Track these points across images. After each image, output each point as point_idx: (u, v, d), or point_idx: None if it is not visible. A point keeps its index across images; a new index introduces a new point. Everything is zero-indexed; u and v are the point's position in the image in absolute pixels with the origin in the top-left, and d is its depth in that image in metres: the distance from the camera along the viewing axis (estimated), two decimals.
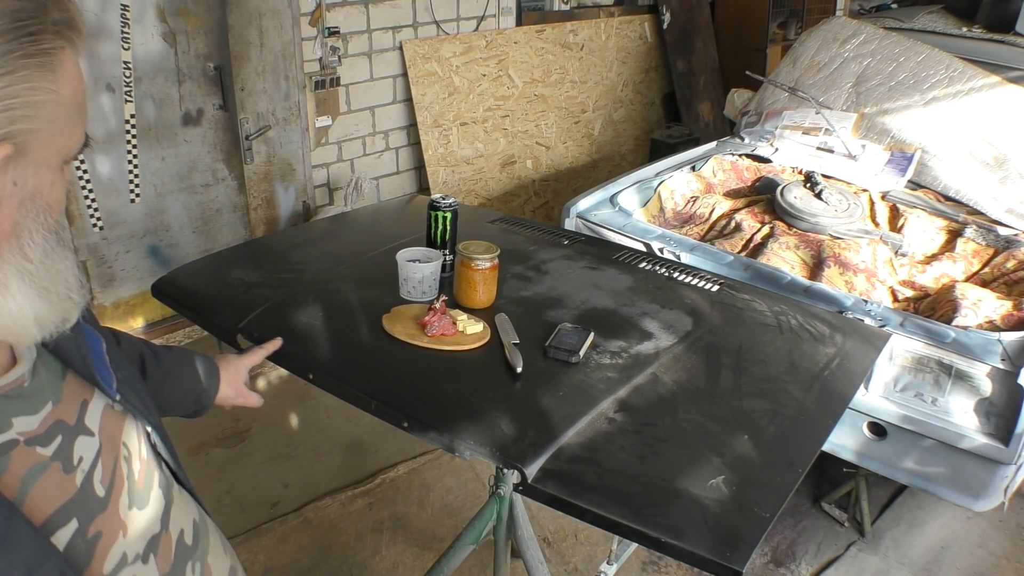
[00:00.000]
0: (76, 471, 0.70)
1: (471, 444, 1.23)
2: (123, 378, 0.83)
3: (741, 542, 1.07)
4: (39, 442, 0.68)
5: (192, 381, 1.20)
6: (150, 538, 0.77)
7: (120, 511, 0.74)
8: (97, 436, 0.74)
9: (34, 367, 0.71)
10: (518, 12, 4.18)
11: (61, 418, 0.71)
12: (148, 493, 0.79)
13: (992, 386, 1.98)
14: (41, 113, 0.60)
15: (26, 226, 0.63)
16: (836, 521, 2.52)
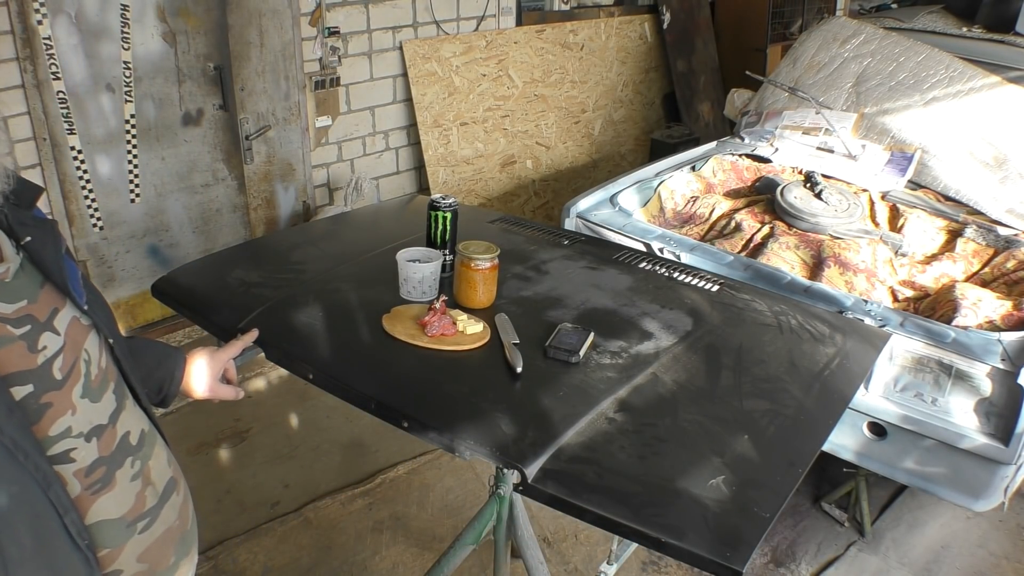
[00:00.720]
0: (39, 354, 0.86)
1: (471, 444, 1.23)
2: (92, 299, 0.97)
3: (741, 542, 1.07)
4: (9, 323, 0.84)
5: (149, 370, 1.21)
6: (95, 425, 0.91)
7: (72, 395, 0.89)
8: (62, 337, 0.90)
9: (17, 272, 0.87)
10: (518, 12, 4.18)
11: (32, 314, 0.87)
12: (101, 393, 0.94)
13: (992, 386, 1.98)
14: None
15: None
16: (836, 521, 2.52)
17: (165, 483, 1.02)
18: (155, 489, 1.00)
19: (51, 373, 0.87)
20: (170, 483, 1.04)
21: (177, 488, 1.06)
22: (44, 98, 2.70)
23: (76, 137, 2.83)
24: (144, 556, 0.97)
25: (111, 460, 0.92)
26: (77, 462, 0.88)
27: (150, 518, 0.98)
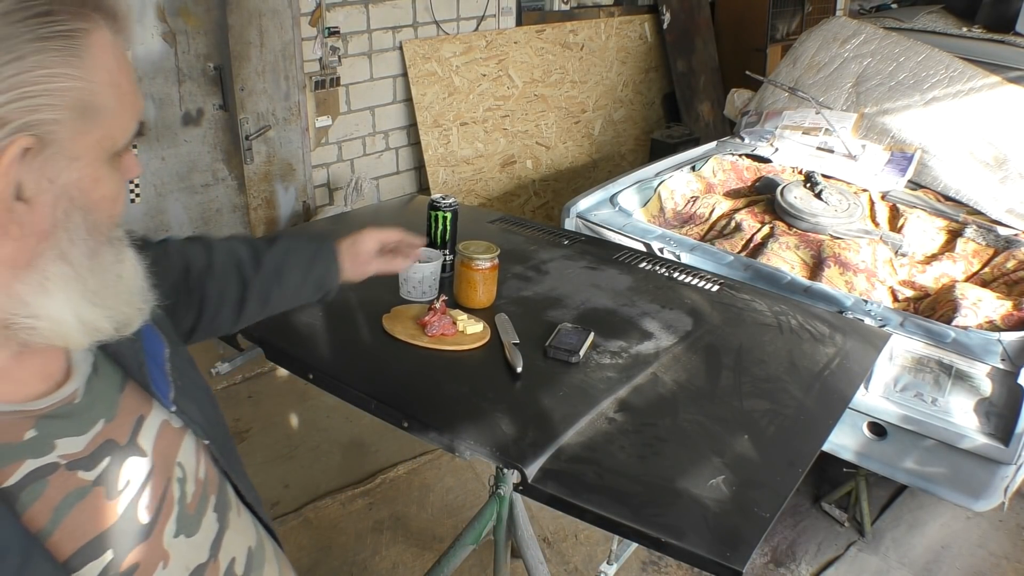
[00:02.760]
0: (120, 496, 0.65)
1: (471, 444, 1.23)
2: (183, 387, 0.76)
3: (741, 542, 1.07)
4: (83, 465, 0.62)
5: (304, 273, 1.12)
6: (195, 568, 0.71)
7: (164, 539, 0.68)
8: (149, 456, 0.69)
9: (90, 379, 0.66)
10: (518, 12, 4.18)
11: (112, 438, 0.66)
12: (200, 519, 0.73)
13: (992, 386, 1.98)
14: (67, 101, 0.54)
15: (65, 226, 0.57)
16: (836, 521, 2.52)
17: None
18: None
19: (135, 518, 0.66)
20: None
21: None
22: None
23: None
24: None
25: None
26: None
27: None
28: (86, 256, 0.59)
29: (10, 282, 0.57)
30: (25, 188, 0.54)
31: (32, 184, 0.54)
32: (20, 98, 0.52)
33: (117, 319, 0.62)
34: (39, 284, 0.57)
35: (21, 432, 0.59)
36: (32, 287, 0.57)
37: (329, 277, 1.16)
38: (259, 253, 1.09)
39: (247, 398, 3.00)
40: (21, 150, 0.53)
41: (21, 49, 0.52)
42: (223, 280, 1.04)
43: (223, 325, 1.07)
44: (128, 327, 0.64)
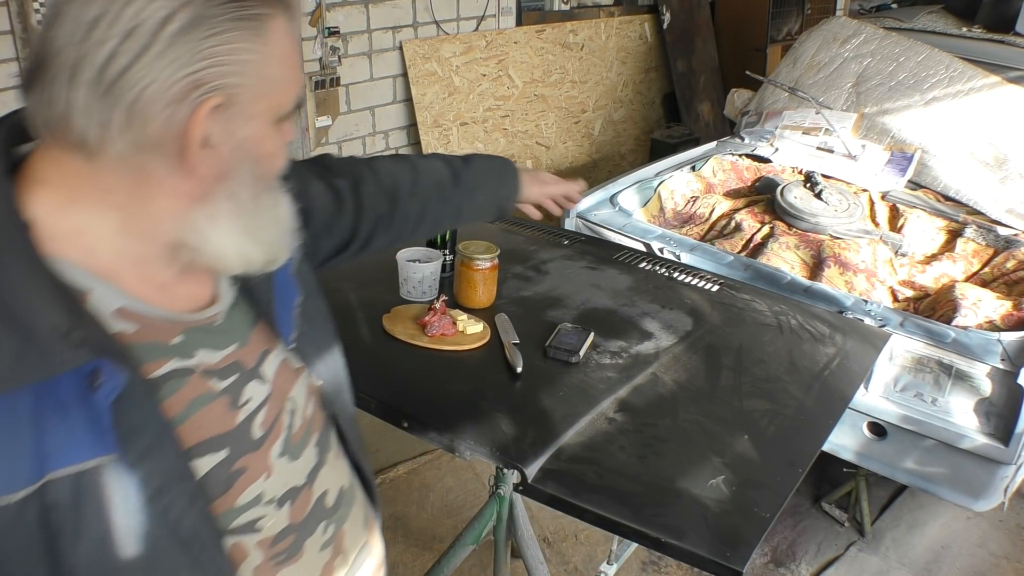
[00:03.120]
0: (240, 410, 0.76)
1: (471, 444, 1.23)
2: (308, 333, 0.87)
3: (741, 542, 1.07)
4: (215, 376, 0.74)
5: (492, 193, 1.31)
6: (290, 488, 0.81)
7: (270, 456, 0.78)
8: (269, 384, 0.79)
9: (230, 309, 0.78)
10: (518, 12, 4.18)
11: (241, 360, 0.77)
12: (302, 448, 0.83)
13: (992, 386, 1.98)
14: (249, 70, 0.66)
15: (237, 172, 0.69)
16: (836, 521, 2.52)
17: (359, 549, 0.91)
18: (346, 558, 0.89)
19: (250, 432, 0.77)
20: (364, 549, 0.93)
21: (371, 551, 0.95)
22: None
23: None
24: None
25: (302, 527, 0.82)
26: (263, 531, 0.78)
27: None
28: (250, 198, 0.71)
29: (188, 211, 0.69)
30: (211, 137, 0.66)
31: (217, 135, 0.66)
32: (216, 65, 0.64)
33: (268, 254, 0.74)
34: (210, 216, 0.69)
35: (171, 336, 0.71)
36: (204, 217, 0.69)
37: (510, 200, 1.34)
38: (457, 174, 1.25)
39: None
40: (213, 106, 0.65)
41: (220, 27, 0.63)
42: (425, 200, 1.21)
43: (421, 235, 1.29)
44: (275, 262, 0.76)
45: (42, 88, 0.63)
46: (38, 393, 0.61)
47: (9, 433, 0.60)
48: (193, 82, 0.63)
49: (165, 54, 0.61)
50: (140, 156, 0.65)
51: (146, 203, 0.68)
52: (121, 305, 0.68)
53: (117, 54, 0.60)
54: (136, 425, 0.65)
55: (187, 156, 0.66)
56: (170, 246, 0.71)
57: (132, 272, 0.70)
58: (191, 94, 0.63)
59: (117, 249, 0.68)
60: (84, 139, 0.63)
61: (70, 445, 0.62)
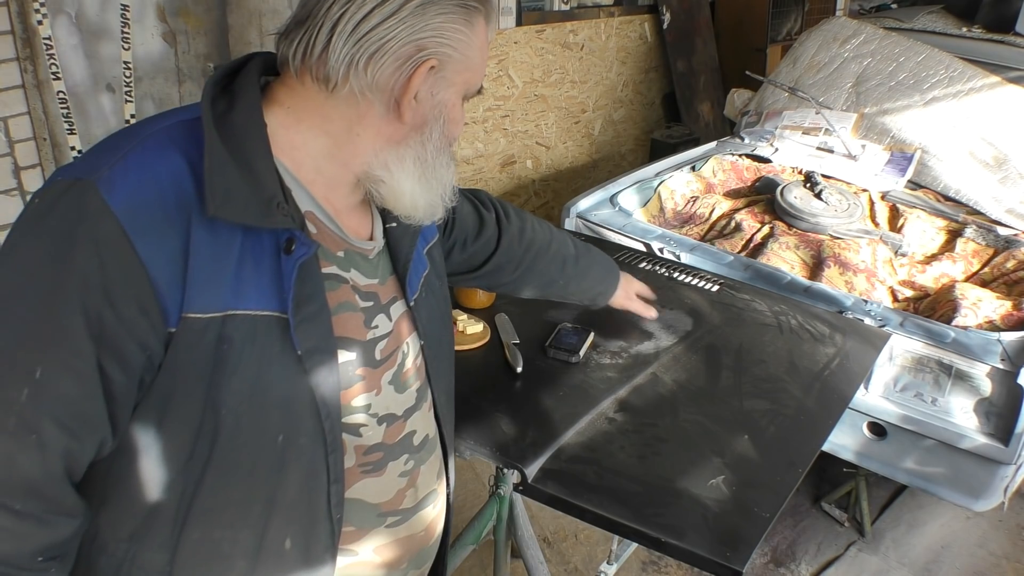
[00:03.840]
0: (370, 330, 0.91)
1: (471, 444, 1.23)
2: (425, 299, 1.01)
3: (741, 542, 1.07)
4: (359, 294, 0.90)
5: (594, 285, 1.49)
6: (390, 413, 0.94)
7: (382, 379, 0.93)
8: (393, 323, 0.94)
9: (380, 253, 0.94)
10: (518, 12, 4.17)
11: (378, 293, 0.93)
12: (405, 387, 0.97)
13: (992, 386, 1.98)
14: (459, 47, 0.83)
15: (430, 127, 0.86)
16: (836, 521, 2.52)
17: (427, 492, 1.03)
18: (416, 493, 1.00)
19: (374, 351, 0.91)
20: (432, 494, 1.04)
21: (436, 502, 1.06)
22: (44, 98, 2.70)
23: (76, 137, 2.82)
24: (381, 550, 0.97)
25: (390, 450, 0.95)
26: (362, 438, 0.91)
27: (401, 517, 0.98)
28: (435, 151, 0.87)
29: (384, 149, 0.85)
30: (420, 93, 0.83)
31: (424, 91, 0.83)
32: (438, 35, 0.81)
33: (430, 205, 0.89)
34: (399, 158, 0.85)
35: (337, 248, 0.88)
36: (395, 158, 0.85)
37: (604, 296, 1.52)
38: (579, 255, 1.43)
39: None
40: (429, 67, 0.82)
41: (446, 9, 0.81)
42: (550, 263, 1.39)
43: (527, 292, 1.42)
44: (433, 216, 0.90)
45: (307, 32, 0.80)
46: (247, 238, 0.77)
47: (220, 262, 0.76)
48: (419, 45, 0.80)
49: (405, 20, 0.79)
50: (366, 95, 0.81)
51: (354, 136, 0.84)
52: (310, 209, 0.84)
53: (372, 14, 0.78)
54: (307, 294, 0.80)
55: (401, 104, 0.82)
56: (359, 176, 0.86)
57: (322, 190, 0.86)
58: (416, 54, 0.80)
59: (318, 168, 0.85)
60: (330, 75, 0.80)
61: (257, 292, 0.78)
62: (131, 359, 0.74)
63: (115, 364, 0.73)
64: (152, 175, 0.75)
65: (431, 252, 1.05)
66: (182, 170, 0.76)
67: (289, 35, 0.82)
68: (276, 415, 0.81)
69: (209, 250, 0.75)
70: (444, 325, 1.07)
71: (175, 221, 0.74)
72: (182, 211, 0.74)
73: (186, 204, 0.75)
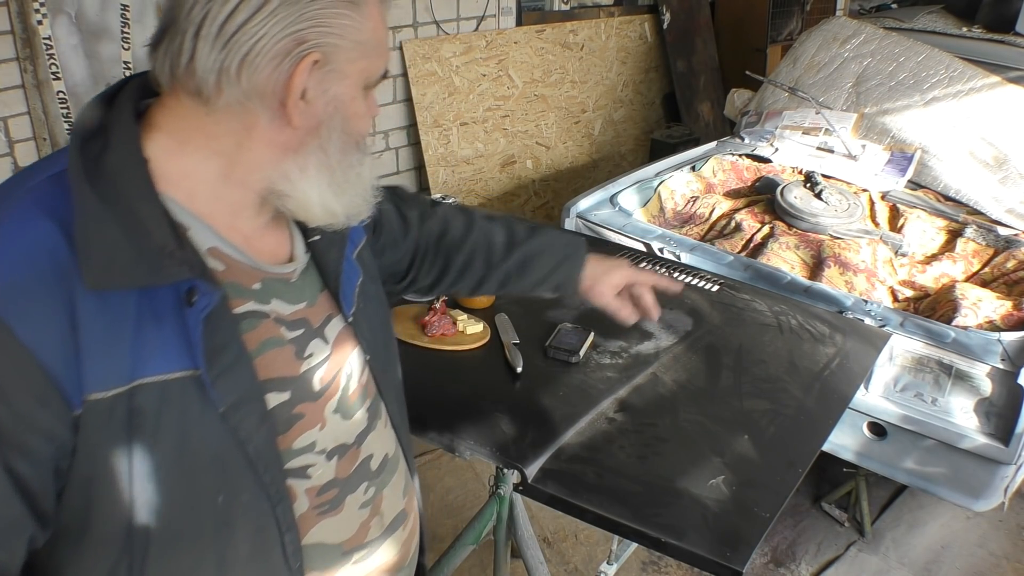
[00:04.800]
0: (304, 361, 0.83)
1: (471, 444, 1.23)
2: (364, 310, 0.93)
3: (741, 542, 1.07)
4: (285, 325, 0.82)
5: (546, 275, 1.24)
6: (340, 444, 0.87)
7: (325, 409, 0.85)
8: (330, 345, 0.87)
9: (303, 272, 0.86)
10: (518, 12, 4.17)
11: (308, 318, 0.85)
12: (354, 411, 0.90)
13: (992, 386, 1.98)
14: (345, 33, 0.74)
15: (328, 127, 0.77)
16: (836, 521, 2.52)
17: (395, 515, 0.97)
18: (382, 521, 0.94)
19: (311, 383, 0.84)
20: (400, 516, 0.98)
21: (406, 522, 1.00)
22: (44, 98, 2.70)
23: None
24: None
25: (346, 483, 0.88)
26: (312, 479, 0.84)
27: (367, 550, 0.92)
28: (338, 154, 0.78)
29: (282, 160, 0.77)
30: (308, 91, 0.74)
31: (313, 89, 0.74)
32: (318, 25, 0.72)
33: (349, 209, 0.81)
34: (301, 166, 0.77)
35: (252, 281, 0.79)
36: (296, 167, 0.77)
37: (567, 286, 1.25)
38: (513, 243, 1.23)
39: None
40: (312, 62, 0.73)
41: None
42: (470, 256, 1.21)
43: (461, 291, 1.29)
44: (356, 217, 0.82)
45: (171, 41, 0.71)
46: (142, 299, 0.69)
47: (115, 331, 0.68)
48: (297, 39, 0.72)
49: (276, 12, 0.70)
50: (247, 104, 0.73)
51: (246, 151, 0.75)
52: (213, 245, 0.76)
53: (237, 11, 0.69)
54: (220, 344, 0.73)
55: (287, 107, 0.74)
56: (262, 194, 0.78)
57: (225, 219, 0.78)
58: (295, 49, 0.72)
59: (215, 195, 0.76)
60: (202, 85, 0.71)
61: (163, 354, 0.70)
62: (39, 452, 0.68)
63: (23, 461, 0.67)
64: (21, 251, 0.67)
65: (361, 256, 0.97)
66: (54, 238, 0.67)
67: (157, 46, 0.73)
68: (209, 477, 0.75)
69: (100, 320, 0.67)
70: (387, 330, 1.01)
71: (57, 297, 0.66)
72: (62, 284, 0.66)
73: (65, 275, 0.66)
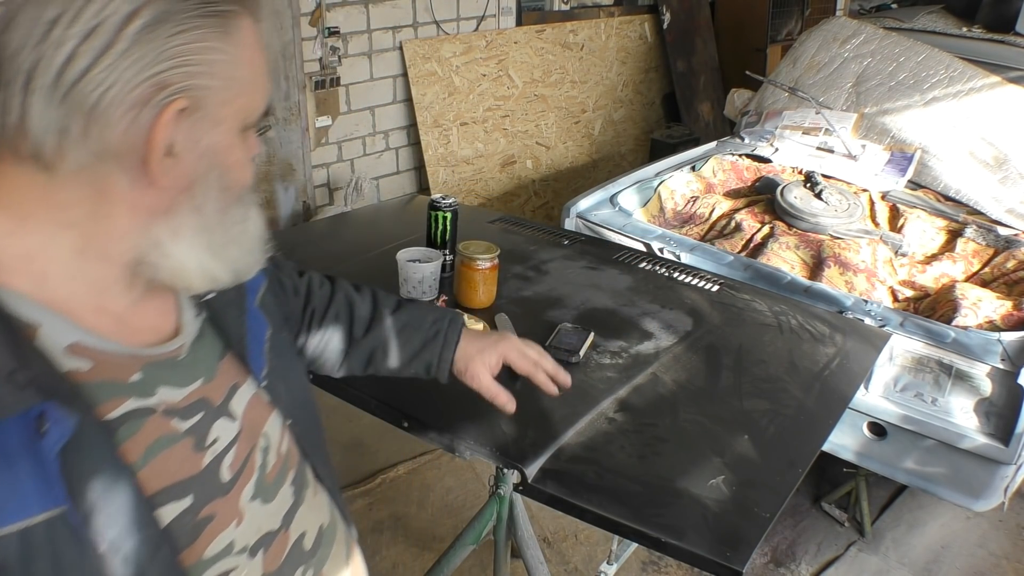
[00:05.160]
0: (207, 451, 0.70)
1: (471, 444, 1.23)
2: (277, 367, 0.81)
3: (741, 542, 1.07)
4: (178, 415, 0.68)
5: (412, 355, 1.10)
6: (264, 533, 0.75)
7: (241, 500, 0.73)
8: (239, 422, 0.74)
9: (196, 341, 0.73)
10: (518, 12, 4.18)
11: (208, 397, 0.71)
12: (277, 489, 0.78)
13: (992, 386, 1.98)
14: (216, 71, 0.62)
15: (202, 183, 0.65)
16: (836, 521, 2.52)
17: None
18: None
19: (218, 475, 0.71)
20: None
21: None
22: None
23: None
24: None
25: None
26: None
27: None
28: (216, 210, 0.67)
29: (150, 225, 0.64)
30: (175, 145, 0.61)
31: (181, 142, 0.62)
32: (182, 65, 0.59)
33: (236, 269, 0.70)
34: (173, 230, 0.65)
35: (129, 373, 0.65)
36: (167, 232, 0.65)
37: (439, 367, 1.11)
38: (377, 317, 1.09)
39: None
40: (177, 110, 0.60)
41: (186, 24, 0.59)
42: (331, 331, 1.07)
43: (326, 367, 1.10)
44: (246, 275, 0.72)
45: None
46: None
47: None
48: (157, 84, 0.59)
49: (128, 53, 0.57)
50: (100, 167, 0.60)
51: (105, 220, 0.63)
52: (74, 340, 0.62)
53: (76, 55, 0.56)
54: (89, 472, 0.59)
55: (150, 165, 0.61)
56: (129, 267, 0.66)
57: (87, 301, 0.64)
58: (155, 97, 0.59)
59: (72, 275, 0.63)
60: (40, 149, 0.58)
61: (16, 499, 0.56)
62: None
63: None
64: None
65: (264, 303, 0.84)
66: None
67: None
68: None
69: None
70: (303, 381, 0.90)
71: None
72: None
73: None
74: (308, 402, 0.88)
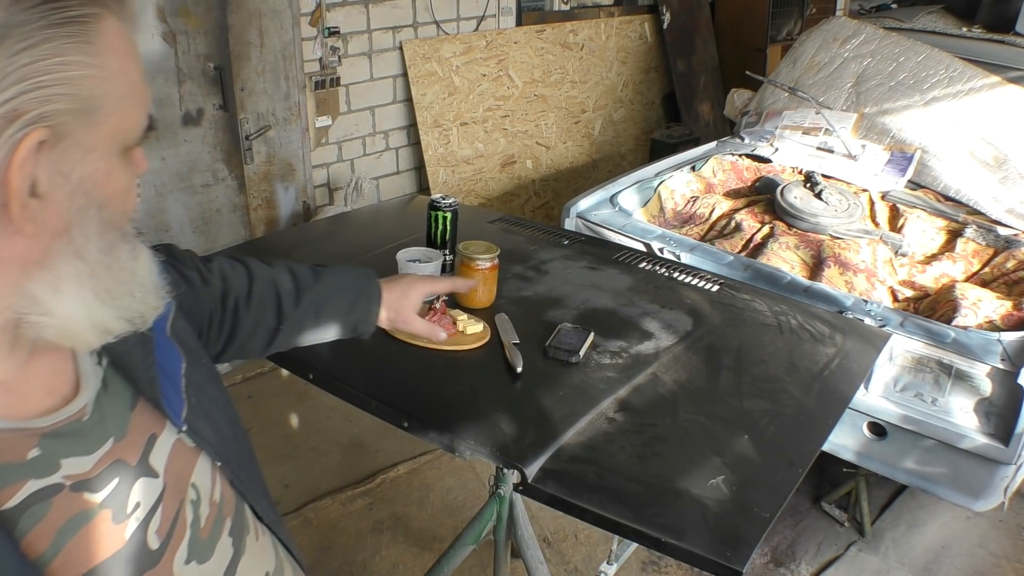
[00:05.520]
0: (128, 520, 0.62)
1: (471, 444, 1.23)
2: (199, 404, 0.72)
3: (741, 542, 1.07)
4: (89, 487, 0.59)
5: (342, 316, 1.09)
6: None
7: (174, 566, 0.65)
8: (161, 478, 0.65)
9: (99, 395, 0.63)
10: (518, 12, 4.18)
11: (122, 457, 0.62)
12: (214, 544, 0.70)
13: (992, 386, 1.98)
14: (79, 90, 0.52)
15: (80, 223, 0.55)
16: (836, 521, 2.52)
17: None
18: None
19: (144, 544, 0.62)
20: None
21: None
22: None
23: None
24: None
25: None
26: None
27: None
28: (101, 252, 0.57)
29: (23, 280, 0.54)
30: (39, 183, 0.52)
31: (46, 179, 0.52)
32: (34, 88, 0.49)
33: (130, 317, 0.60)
34: (52, 282, 0.55)
35: (24, 451, 0.56)
36: (45, 285, 0.55)
37: (366, 323, 1.12)
38: (301, 288, 1.07)
39: (247, 398, 3.01)
40: (36, 143, 0.50)
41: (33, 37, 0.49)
42: (260, 311, 1.02)
43: (252, 352, 1.05)
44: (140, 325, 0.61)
45: None
46: None
47: None
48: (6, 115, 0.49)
49: None
50: None
51: None
52: None
53: None
54: None
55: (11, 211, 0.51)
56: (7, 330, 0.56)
57: None
58: (5, 131, 0.49)
59: None
60: None
61: None
62: None
63: None
64: None
65: (175, 329, 0.75)
66: None
67: None
68: None
69: None
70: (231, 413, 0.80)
71: None
72: None
73: None
74: (238, 435, 0.79)
